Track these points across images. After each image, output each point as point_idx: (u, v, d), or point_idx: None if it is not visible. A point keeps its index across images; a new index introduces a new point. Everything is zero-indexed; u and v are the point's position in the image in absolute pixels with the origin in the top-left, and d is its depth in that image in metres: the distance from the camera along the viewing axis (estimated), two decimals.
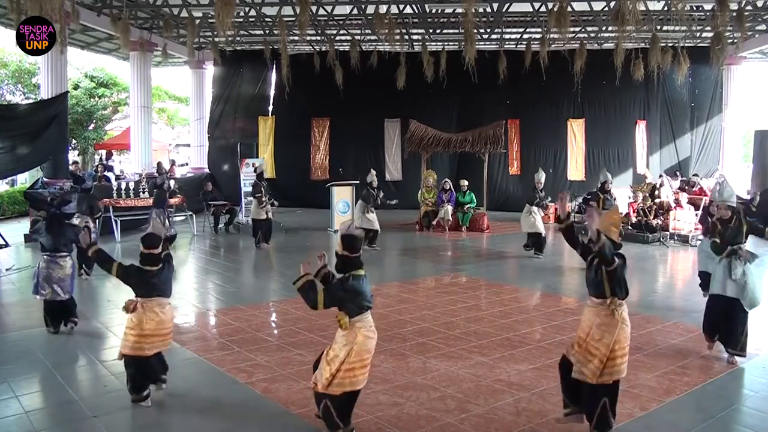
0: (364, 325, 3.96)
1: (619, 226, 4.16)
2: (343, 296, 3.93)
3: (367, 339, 3.96)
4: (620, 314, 4.00)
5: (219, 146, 19.80)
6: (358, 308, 3.94)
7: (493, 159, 17.38)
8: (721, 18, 11.83)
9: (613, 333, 3.95)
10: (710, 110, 18.78)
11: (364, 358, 3.97)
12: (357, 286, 3.92)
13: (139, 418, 4.43)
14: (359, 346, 3.92)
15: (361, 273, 3.99)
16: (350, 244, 3.98)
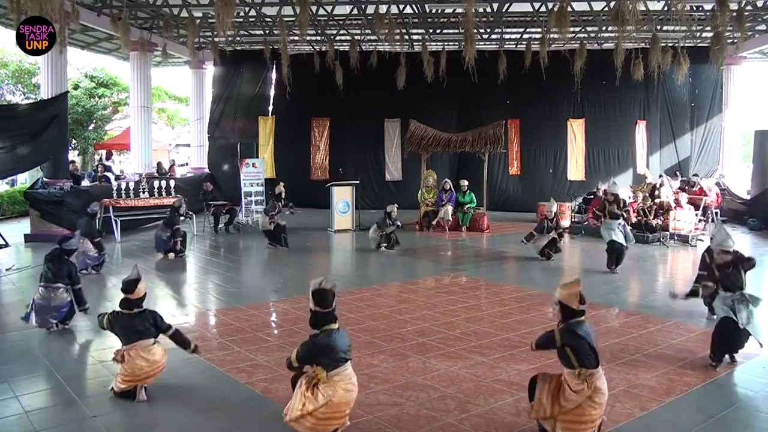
0: (342, 379, 3.96)
1: (580, 296, 3.99)
2: (316, 352, 3.94)
3: (346, 393, 3.96)
4: (593, 384, 3.89)
5: (219, 146, 19.81)
6: (334, 362, 3.94)
7: (493, 159, 17.39)
8: (721, 18, 11.83)
9: (580, 399, 3.88)
10: (710, 110, 18.78)
11: (342, 411, 3.98)
12: (328, 342, 3.93)
13: (139, 418, 4.43)
14: (338, 399, 3.92)
15: (333, 327, 3.99)
16: (321, 300, 3.99)
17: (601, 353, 4.08)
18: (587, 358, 3.89)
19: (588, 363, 3.89)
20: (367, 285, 8.87)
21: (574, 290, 3.98)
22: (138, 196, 13.01)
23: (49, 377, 5.18)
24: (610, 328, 6.70)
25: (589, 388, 3.87)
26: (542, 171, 18.97)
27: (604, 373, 4.02)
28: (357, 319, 6.97)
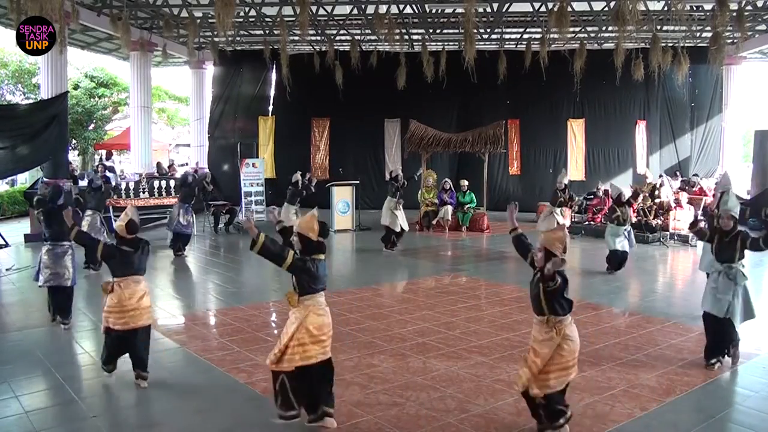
0: (314, 304, 4.13)
1: (564, 243, 4.06)
2: (303, 271, 4.09)
3: (317, 316, 4.11)
4: (561, 330, 3.95)
5: (219, 146, 19.80)
6: (310, 288, 4.11)
7: (493, 159, 17.38)
8: (721, 18, 11.83)
9: (552, 348, 3.94)
10: (710, 110, 18.77)
11: (315, 334, 4.07)
12: (314, 269, 4.11)
13: (139, 418, 4.43)
14: (308, 321, 4.06)
15: (321, 257, 4.20)
16: (324, 231, 4.24)
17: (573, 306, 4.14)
18: (560, 305, 3.96)
19: (560, 310, 3.96)
20: (367, 285, 8.88)
21: (557, 235, 4.06)
22: (138, 196, 13.01)
23: (49, 377, 5.17)
24: (610, 328, 6.70)
25: (558, 335, 3.92)
26: (542, 171, 18.96)
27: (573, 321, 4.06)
28: (357, 319, 6.97)
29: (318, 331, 4.09)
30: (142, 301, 4.99)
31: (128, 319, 4.90)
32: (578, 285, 9.27)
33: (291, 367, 4.04)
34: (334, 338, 6.13)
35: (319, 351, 4.09)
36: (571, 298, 4.04)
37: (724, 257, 5.41)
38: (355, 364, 5.45)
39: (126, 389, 5.00)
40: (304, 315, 4.07)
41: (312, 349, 4.06)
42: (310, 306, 4.11)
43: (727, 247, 5.39)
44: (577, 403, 4.62)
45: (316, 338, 4.08)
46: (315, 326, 4.07)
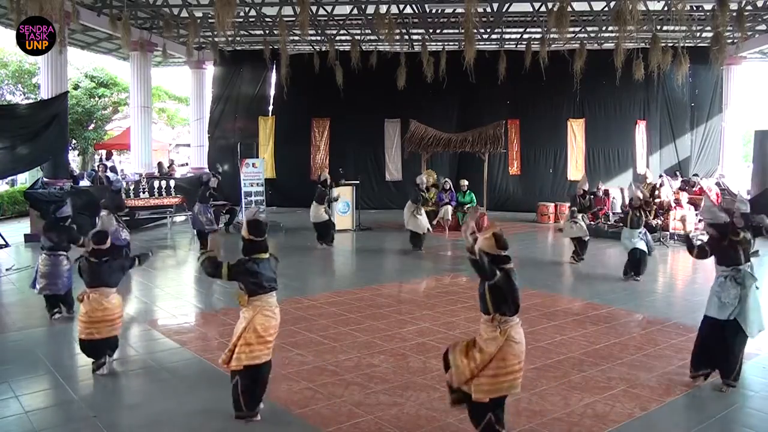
0: (263, 305, 4.24)
1: (495, 248, 3.85)
2: (242, 273, 4.23)
3: (264, 317, 4.22)
4: (506, 332, 3.80)
5: (219, 146, 19.80)
6: (257, 288, 4.22)
7: (493, 159, 17.38)
8: (721, 18, 11.83)
9: (493, 349, 3.79)
10: (710, 110, 18.76)
11: (262, 335, 4.20)
12: (255, 269, 4.21)
13: (139, 417, 4.43)
14: (255, 321, 4.19)
15: (263, 257, 4.30)
16: (256, 229, 4.31)
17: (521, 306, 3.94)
18: (506, 304, 3.83)
19: (506, 310, 3.83)
20: (367, 285, 8.87)
21: (488, 236, 3.89)
22: (138, 196, 13.01)
23: (49, 377, 5.18)
24: (610, 328, 6.70)
25: (502, 335, 3.80)
26: (542, 171, 18.96)
27: (521, 323, 3.93)
28: (357, 319, 6.97)
29: (264, 332, 4.22)
30: (108, 314, 5.18)
31: (94, 331, 5.13)
32: (578, 285, 9.28)
33: (240, 366, 4.18)
34: (334, 338, 6.18)
35: (264, 351, 4.24)
36: (519, 302, 3.89)
37: (729, 260, 5.04)
38: (355, 364, 5.46)
39: (126, 389, 5.00)
40: (252, 315, 4.20)
41: (258, 349, 4.20)
42: (259, 306, 4.24)
43: (729, 249, 5.04)
44: (577, 403, 4.63)
45: (263, 339, 4.22)
46: (262, 327, 4.20)
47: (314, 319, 6.91)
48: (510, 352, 3.81)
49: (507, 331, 3.81)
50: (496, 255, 3.85)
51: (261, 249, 4.31)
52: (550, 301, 7.91)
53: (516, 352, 3.84)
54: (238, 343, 4.20)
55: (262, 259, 4.28)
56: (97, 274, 5.22)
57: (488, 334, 3.85)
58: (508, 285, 3.82)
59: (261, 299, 4.24)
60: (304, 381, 5.06)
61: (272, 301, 4.31)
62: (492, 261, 3.82)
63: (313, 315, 7.09)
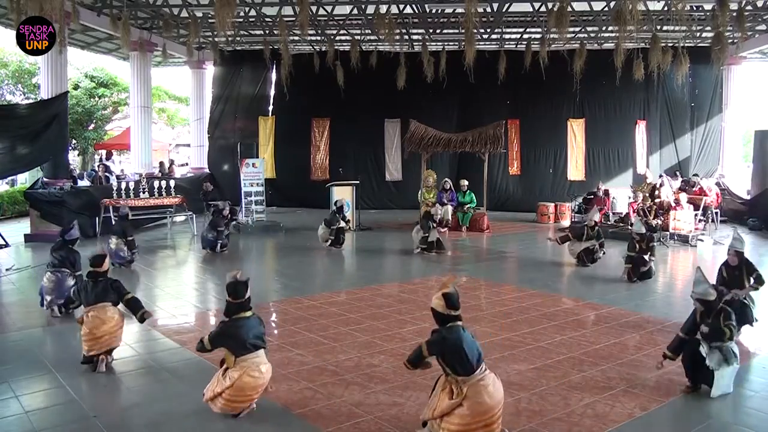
0: (249, 365, 4.28)
1: (446, 299, 3.83)
2: (225, 337, 4.32)
3: (251, 378, 4.29)
4: (463, 392, 3.72)
5: (219, 146, 19.81)
6: (242, 348, 4.28)
7: (493, 159, 17.38)
8: (721, 18, 11.83)
9: (451, 406, 3.74)
10: (710, 110, 18.77)
11: (247, 395, 4.31)
12: (235, 331, 4.29)
13: (139, 418, 4.43)
14: (241, 383, 4.26)
15: (245, 315, 4.37)
16: (233, 291, 4.40)
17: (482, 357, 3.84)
18: (459, 364, 3.74)
19: (460, 370, 3.74)
20: (367, 285, 8.87)
21: (438, 297, 3.87)
22: (138, 196, 13.00)
23: (49, 377, 5.17)
24: (610, 328, 6.70)
25: (459, 397, 3.71)
26: (542, 171, 18.97)
27: (493, 378, 3.81)
28: (357, 319, 6.97)
29: (250, 391, 4.33)
30: (111, 328, 5.34)
31: (101, 345, 5.28)
32: (578, 285, 9.28)
33: (218, 411, 4.35)
34: (334, 338, 6.18)
35: (246, 404, 4.36)
36: (472, 357, 3.74)
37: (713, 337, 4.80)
38: (355, 364, 5.45)
39: (126, 389, 5.00)
40: (238, 376, 4.26)
41: (239, 405, 4.33)
42: (245, 367, 4.28)
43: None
44: (577, 403, 4.62)
45: (249, 397, 4.34)
46: (249, 387, 4.30)
47: (314, 319, 6.91)
48: (476, 410, 3.70)
49: (464, 391, 3.72)
50: (447, 315, 3.86)
51: (242, 309, 4.39)
52: (550, 301, 7.91)
53: (474, 411, 3.70)
54: (223, 394, 4.30)
55: (244, 318, 4.36)
56: (95, 293, 5.40)
57: (455, 395, 3.79)
58: (454, 350, 3.75)
59: (247, 360, 4.29)
60: (304, 381, 5.06)
61: (258, 360, 4.35)
62: (442, 320, 3.87)
63: (313, 315, 7.09)
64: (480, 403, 3.70)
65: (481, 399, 3.71)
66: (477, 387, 3.72)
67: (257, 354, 4.35)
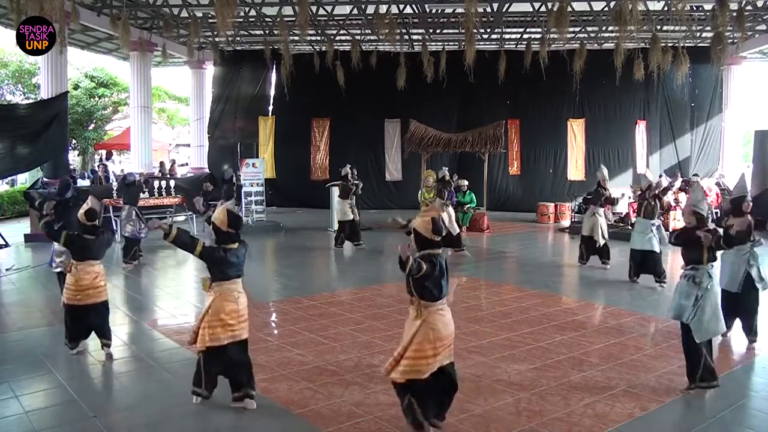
0: (223, 290, 4.43)
1: (431, 227, 3.86)
2: (211, 259, 4.43)
3: (227, 302, 4.42)
4: (423, 316, 3.87)
5: (219, 146, 19.81)
6: (221, 274, 4.43)
7: (493, 159, 17.38)
8: (721, 18, 11.84)
9: (413, 331, 3.89)
10: (710, 110, 18.78)
11: (222, 319, 4.40)
12: (223, 256, 4.42)
13: (139, 418, 4.43)
14: (215, 306, 4.41)
15: (232, 246, 4.48)
16: (235, 222, 4.49)
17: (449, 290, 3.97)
18: (426, 290, 3.85)
19: (426, 295, 3.86)
20: (366, 285, 8.87)
21: (426, 218, 3.92)
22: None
23: (49, 377, 5.17)
24: (611, 327, 6.70)
25: (418, 319, 3.88)
26: (542, 171, 18.97)
27: (447, 312, 3.96)
28: (357, 319, 6.97)
29: (226, 315, 4.41)
30: (95, 281, 5.60)
31: (82, 297, 5.53)
32: (578, 285, 9.28)
33: (203, 347, 4.41)
34: (334, 338, 6.18)
35: (227, 334, 4.41)
36: (444, 287, 3.89)
37: (691, 258, 4.91)
38: (355, 364, 5.45)
39: (126, 389, 5.00)
40: (212, 300, 4.43)
41: (219, 332, 4.39)
42: (221, 292, 4.44)
43: (695, 244, 4.83)
44: (577, 403, 4.62)
45: (224, 321, 4.40)
46: (224, 311, 4.40)
47: (314, 319, 6.91)
48: (426, 337, 3.87)
49: (425, 316, 3.88)
50: (429, 239, 3.90)
51: (233, 240, 4.50)
52: (550, 301, 7.91)
53: (431, 338, 3.87)
54: (201, 324, 4.44)
55: (231, 249, 4.47)
56: (88, 249, 5.61)
57: (411, 316, 3.97)
58: (431, 273, 3.81)
59: (222, 285, 4.44)
60: (304, 381, 5.06)
61: (234, 287, 4.49)
62: (423, 244, 3.91)
63: (313, 315, 7.09)
64: (434, 330, 3.88)
65: (435, 326, 3.89)
66: (436, 314, 3.90)
67: (234, 281, 4.49)
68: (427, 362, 3.88)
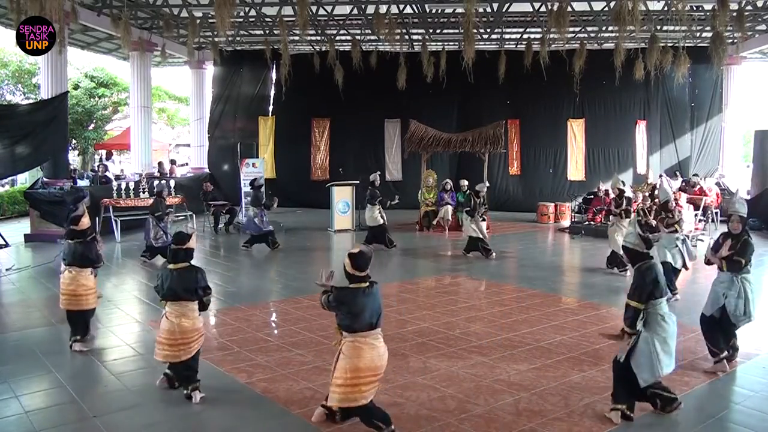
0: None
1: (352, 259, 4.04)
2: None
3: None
4: (341, 345, 4.06)
5: (219, 146, 19.82)
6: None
7: (493, 159, 17.38)
8: (721, 18, 11.83)
9: (335, 359, 4.07)
10: (710, 110, 18.77)
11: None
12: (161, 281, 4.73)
13: (139, 418, 4.43)
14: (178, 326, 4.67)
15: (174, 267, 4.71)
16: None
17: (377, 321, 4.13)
18: (342, 321, 4.03)
19: (343, 325, 4.02)
20: None
21: (354, 252, 4.07)
22: (138, 196, 13.00)
23: (49, 377, 5.17)
24: (611, 328, 6.70)
25: (337, 347, 4.06)
26: (542, 171, 18.97)
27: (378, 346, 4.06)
28: None
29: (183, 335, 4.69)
30: (79, 290, 5.83)
31: (68, 302, 5.84)
32: (578, 285, 9.28)
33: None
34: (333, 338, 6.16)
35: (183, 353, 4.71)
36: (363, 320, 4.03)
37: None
38: None
39: (126, 390, 5.00)
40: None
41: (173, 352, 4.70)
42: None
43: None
44: (577, 403, 4.63)
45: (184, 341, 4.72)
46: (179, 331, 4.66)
47: (314, 319, 6.91)
48: (342, 366, 3.97)
49: (341, 345, 4.04)
50: (352, 274, 4.05)
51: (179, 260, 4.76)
52: (550, 301, 7.91)
53: (346, 368, 3.95)
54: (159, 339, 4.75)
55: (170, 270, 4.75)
56: (72, 253, 5.84)
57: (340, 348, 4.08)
58: (353, 304, 3.99)
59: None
60: (304, 381, 5.06)
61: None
62: (348, 278, 4.06)
63: (313, 315, 7.09)
64: (349, 360, 3.96)
65: (349, 356, 3.97)
66: (352, 345, 3.98)
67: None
68: (360, 390, 3.95)
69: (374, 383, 4.03)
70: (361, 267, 4.02)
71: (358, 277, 4.03)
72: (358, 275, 4.02)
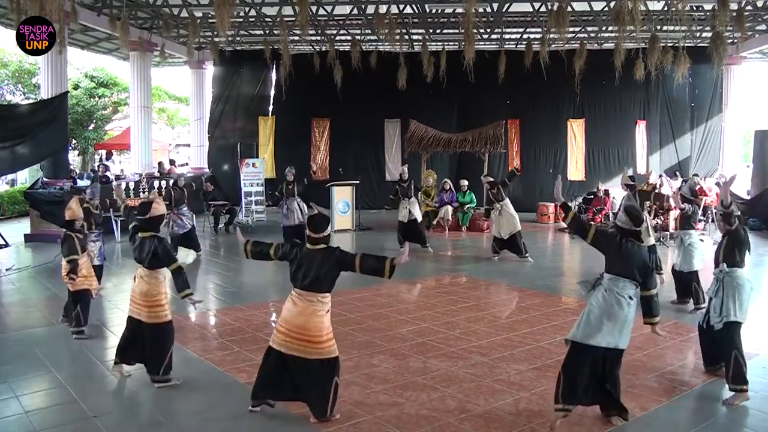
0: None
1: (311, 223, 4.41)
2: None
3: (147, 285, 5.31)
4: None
5: (219, 146, 19.81)
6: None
7: (493, 159, 17.37)
8: (721, 18, 11.82)
9: None
10: (710, 110, 18.77)
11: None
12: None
13: (139, 418, 4.43)
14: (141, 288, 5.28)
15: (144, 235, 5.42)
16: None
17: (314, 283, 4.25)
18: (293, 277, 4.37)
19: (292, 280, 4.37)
20: (367, 285, 8.86)
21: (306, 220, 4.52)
22: (138, 196, 13.01)
23: (49, 377, 5.18)
24: None
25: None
26: (542, 171, 18.95)
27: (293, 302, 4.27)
28: (357, 319, 6.97)
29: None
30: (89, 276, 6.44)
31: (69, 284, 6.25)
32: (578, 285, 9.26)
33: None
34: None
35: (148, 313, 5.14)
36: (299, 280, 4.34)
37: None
38: (355, 364, 5.45)
39: (126, 390, 5.00)
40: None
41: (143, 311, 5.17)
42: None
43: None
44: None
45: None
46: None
47: None
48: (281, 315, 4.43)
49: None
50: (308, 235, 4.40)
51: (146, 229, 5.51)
52: (550, 301, 7.91)
53: (281, 317, 4.40)
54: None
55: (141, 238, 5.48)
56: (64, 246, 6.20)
57: None
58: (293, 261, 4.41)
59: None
60: None
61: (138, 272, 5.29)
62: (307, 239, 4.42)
63: None
64: (283, 310, 4.36)
65: (284, 305, 4.36)
66: (289, 296, 4.36)
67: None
68: (275, 334, 4.35)
69: (283, 334, 4.27)
70: (316, 229, 4.35)
71: (313, 238, 4.36)
72: (313, 236, 4.36)
